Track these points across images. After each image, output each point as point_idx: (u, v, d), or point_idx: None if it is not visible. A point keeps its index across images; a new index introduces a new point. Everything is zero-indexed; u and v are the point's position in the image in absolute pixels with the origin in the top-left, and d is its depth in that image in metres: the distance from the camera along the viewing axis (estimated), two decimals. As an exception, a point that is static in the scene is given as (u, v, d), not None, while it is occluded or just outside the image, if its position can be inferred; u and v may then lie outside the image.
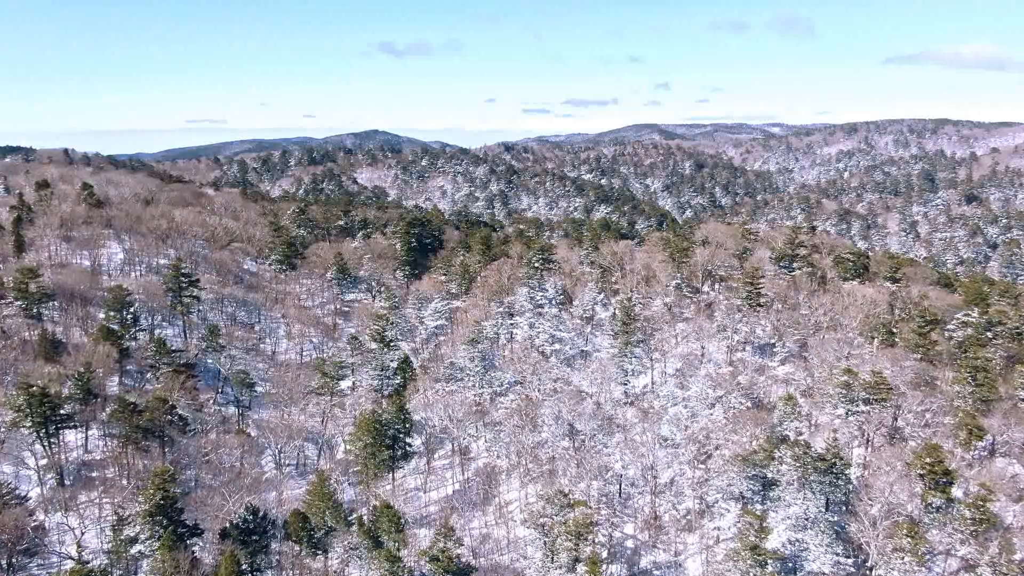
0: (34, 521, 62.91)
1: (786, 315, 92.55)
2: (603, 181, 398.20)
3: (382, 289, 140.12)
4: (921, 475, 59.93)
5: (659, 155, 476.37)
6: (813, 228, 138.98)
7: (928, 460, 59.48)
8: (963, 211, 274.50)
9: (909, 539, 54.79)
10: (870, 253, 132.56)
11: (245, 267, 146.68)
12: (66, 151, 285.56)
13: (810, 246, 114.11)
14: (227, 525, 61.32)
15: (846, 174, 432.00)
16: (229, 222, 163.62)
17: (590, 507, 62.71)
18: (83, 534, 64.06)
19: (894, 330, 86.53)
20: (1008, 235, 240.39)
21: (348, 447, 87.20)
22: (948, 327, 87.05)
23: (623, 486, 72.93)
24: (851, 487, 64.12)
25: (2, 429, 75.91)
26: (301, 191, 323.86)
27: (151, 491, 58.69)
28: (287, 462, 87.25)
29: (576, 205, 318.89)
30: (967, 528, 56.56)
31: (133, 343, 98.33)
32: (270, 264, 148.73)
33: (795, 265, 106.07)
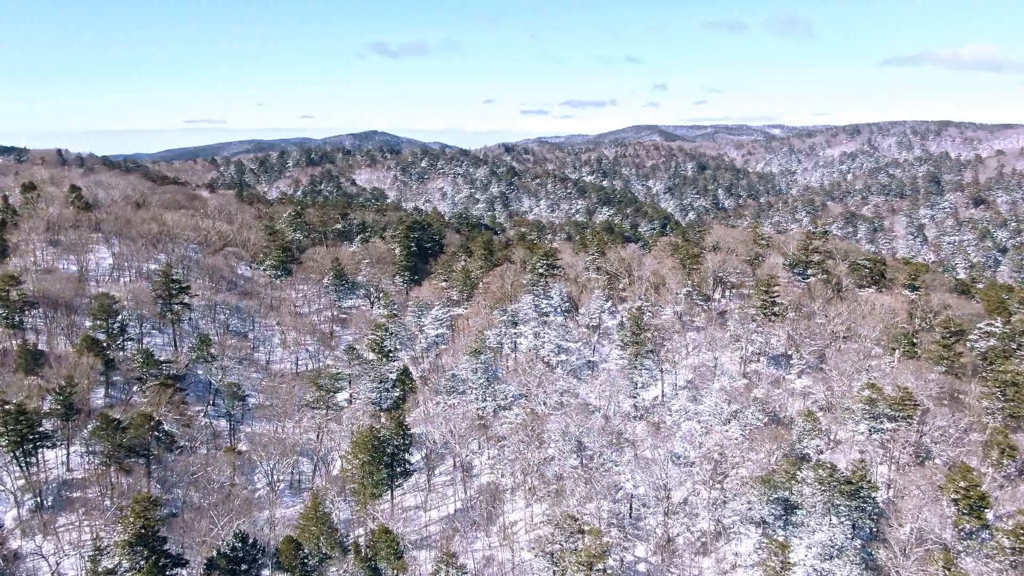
0: (5, 550, 58.82)
1: (802, 324, 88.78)
2: (604, 183, 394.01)
3: (381, 296, 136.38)
4: (955, 499, 56.10)
5: (660, 156, 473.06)
6: (825, 233, 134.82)
7: (962, 484, 55.72)
8: (971, 214, 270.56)
9: (945, 570, 51.01)
10: (884, 259, 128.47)
11: (239, 272, 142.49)
12: (59, 151, 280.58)
13: (824, 252, 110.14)
14: (214, 554, 57.35)
15: (849, 176, 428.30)
16: (223, 226, 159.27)
17: (600, 531, 58.82)
18: (59, 563, 60.11)
19: (915, 340, 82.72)
20: (1018, 239, 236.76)
21: (344, 464, 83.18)
22: (970, 337, 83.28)
23: (634, 506, 69.22)
24: (878, 511, 60.27)
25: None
26: (299, 193, 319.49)
27: (132, 519, 54.62)
28: (280, 479, 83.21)
29: (578, 207, 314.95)
30: (1006, 558, 52.77)
31: (120, 353, 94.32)
32: (265, 269, 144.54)
33: (809, 272, 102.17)
